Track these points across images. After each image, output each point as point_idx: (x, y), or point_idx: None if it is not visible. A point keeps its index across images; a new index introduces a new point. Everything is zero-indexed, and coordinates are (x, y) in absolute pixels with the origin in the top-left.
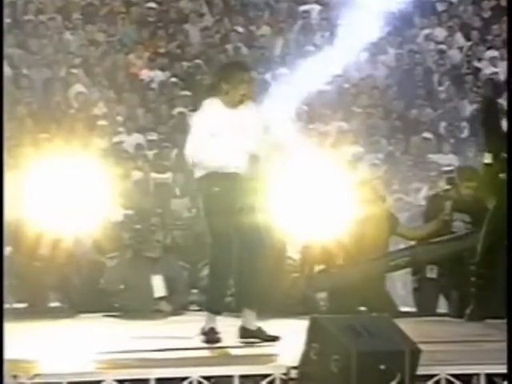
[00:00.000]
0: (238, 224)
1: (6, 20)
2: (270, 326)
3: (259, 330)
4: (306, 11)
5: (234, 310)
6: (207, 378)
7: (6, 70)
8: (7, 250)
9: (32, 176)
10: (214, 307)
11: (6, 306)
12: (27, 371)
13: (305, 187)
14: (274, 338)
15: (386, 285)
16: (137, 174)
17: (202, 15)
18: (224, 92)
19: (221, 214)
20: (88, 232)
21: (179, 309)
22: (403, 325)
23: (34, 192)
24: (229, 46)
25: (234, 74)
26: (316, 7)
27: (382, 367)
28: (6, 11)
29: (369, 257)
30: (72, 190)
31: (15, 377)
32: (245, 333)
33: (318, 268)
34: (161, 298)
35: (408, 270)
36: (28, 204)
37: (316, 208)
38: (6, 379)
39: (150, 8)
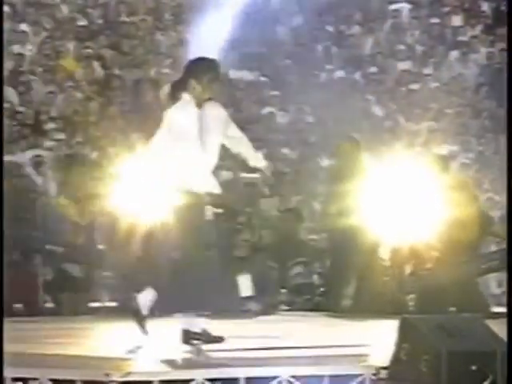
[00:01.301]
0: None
1: (98, 21)
2: (361, 327)
3: (204, 331)
4: (396, 10)
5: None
6: (297, 377)
7: (98, 70)
8: (100, 247)
9: (123, 174)
10: None
11: (98, 304)
12: (120, 369)
13: (395, 188)
14: (219, 339)
15: (480, 284)
16: (226, 174)
17: (291, 15)
18: (192, 88)
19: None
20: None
21: (268, 308)
22: (496, 325)
23: (123, 190)
24: (318, 46)
25: (204, 72)
26: (406, 6)
27: (474, 368)
28: (98, 12)
29: (460, 259)
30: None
31: (107, 375)
32: (188, 335)
33: (408, 270)
34: (248, 298)
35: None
36: (120, 202)
37: (406, 209)
38: (99, 377)
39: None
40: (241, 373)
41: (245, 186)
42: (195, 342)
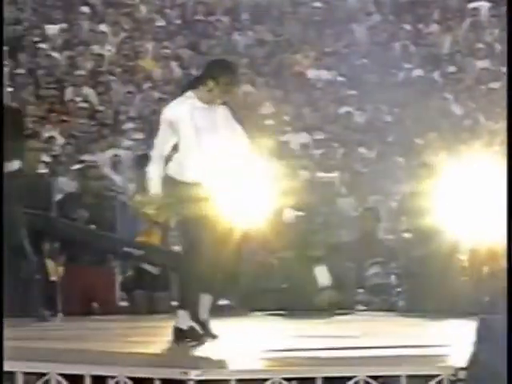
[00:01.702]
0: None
1: (176, 21)
2: (438, 327)
3: (191, 329)
4: (475, 8)
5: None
6: (374, 377)
7: (176, 70)
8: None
9: None
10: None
11: (176, 303)
12: (196, 367)
13: (474, 188)
14: (213, 336)
15: None
16: (303, 174)
17: (369, 14)
18: (208, 88)
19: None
20: (256, 232)
21: (345, 308)
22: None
23: None
24: (396, 44)
25: (224, 74)
26: (485, 4)
27: None
28: (176, 12)
29: None
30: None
31: (185, 373)
32: (178, 333)
33: (486, 271)
34: (325, 288)
35: None
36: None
37: (485, 209)
38: (177, 375)
39: (317, 7)
40: (318, 372)
41: (322, 186)
42: (186, 340)
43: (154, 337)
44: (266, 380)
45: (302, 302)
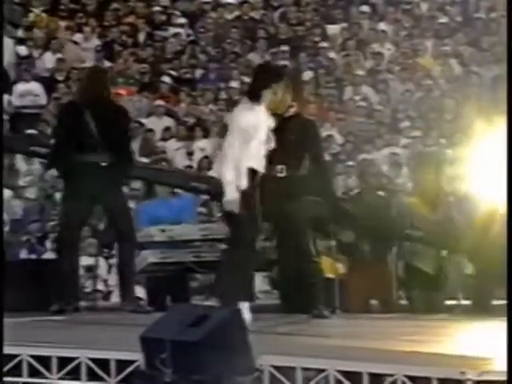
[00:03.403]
0: None
1: (457, 18)
2: None
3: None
4: None
5: None
6: None
7: (456, 67)
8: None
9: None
10: None
11: (454, 302)
12: (476, 368)
13: None
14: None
15: None
16: None
17: None
18: (273, 92)
19: None
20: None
21: None
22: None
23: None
24: None
25: (283, 79)
26: None
27: None
28: (457, 9)
29: None
30: None
31: (463, 373)
32: None
33: None
34: None
35: None
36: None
37: None
38: (455, 375)
39: None
40: None
41: None
42: None
43: (433, 336)
44: None
45: None
